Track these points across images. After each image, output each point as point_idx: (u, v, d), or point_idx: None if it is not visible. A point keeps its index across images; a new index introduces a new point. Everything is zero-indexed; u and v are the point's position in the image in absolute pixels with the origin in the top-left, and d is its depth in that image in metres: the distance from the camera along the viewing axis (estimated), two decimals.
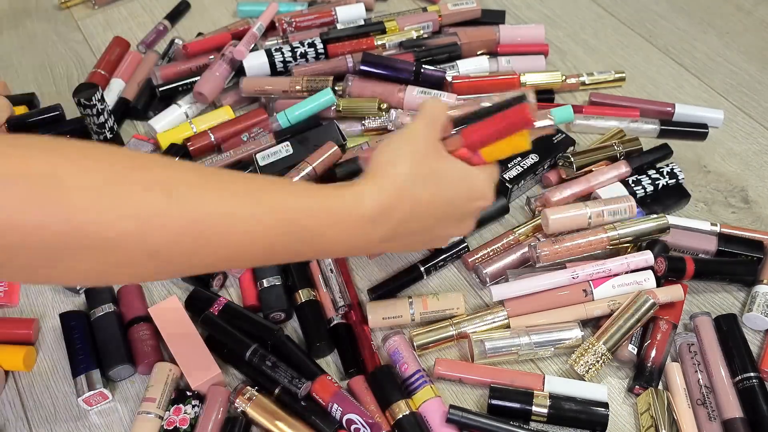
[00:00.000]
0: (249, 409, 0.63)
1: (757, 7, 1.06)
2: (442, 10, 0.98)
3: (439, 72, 0.87)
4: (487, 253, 0.75)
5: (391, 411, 0.63)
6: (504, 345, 0.67)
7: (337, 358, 0.70)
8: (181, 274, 0.58)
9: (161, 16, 1.05)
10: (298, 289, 0.72)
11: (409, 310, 0.70)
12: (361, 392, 0.65)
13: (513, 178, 0.79)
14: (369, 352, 0.68)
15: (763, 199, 0.82)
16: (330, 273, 0.71)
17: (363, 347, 0.69)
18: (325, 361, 0.69)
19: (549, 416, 0.63)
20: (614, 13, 1.06)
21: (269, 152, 0.81)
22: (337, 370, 0.69)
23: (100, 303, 0.71)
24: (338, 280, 0.72)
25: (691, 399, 0.65)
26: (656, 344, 0.67)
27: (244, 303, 0.73)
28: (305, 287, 0.72)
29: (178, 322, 0.69)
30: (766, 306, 0.70)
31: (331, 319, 0.71)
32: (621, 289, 0.70)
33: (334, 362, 0.69)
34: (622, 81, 0.94)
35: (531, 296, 0.70)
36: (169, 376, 0.66)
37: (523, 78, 0.89)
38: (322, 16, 0.98)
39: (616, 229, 0.72)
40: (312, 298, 0.71)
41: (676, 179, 0.79)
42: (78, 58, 1.01)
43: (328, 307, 0.72)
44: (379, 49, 0.93)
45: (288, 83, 0.88)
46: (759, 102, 0.93)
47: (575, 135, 0.88)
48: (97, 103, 0.80)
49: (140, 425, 0.63)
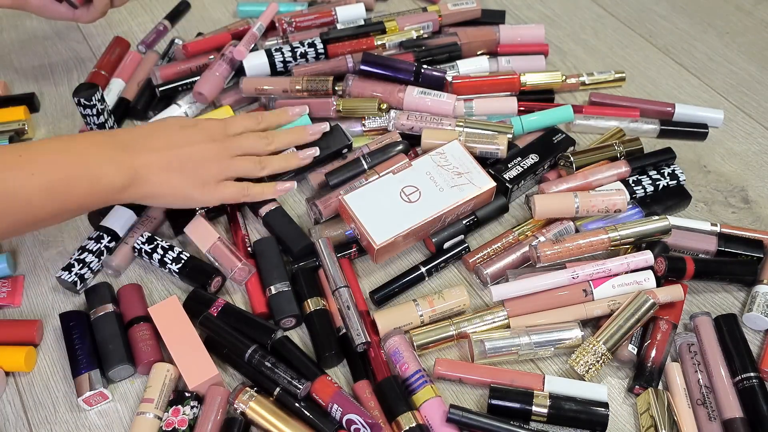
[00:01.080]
0: (248, 410, 0.63)
1: (757, 7, 1.06)
2: (442, 10, 0.98)
3: (439, 73, 0.87)
4: (487, 253, 0.75)
5: (397, 423, 0.63)
6: (504, 345, 0.67)
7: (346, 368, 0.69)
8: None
9: (161, 16, 1.05)
10: (306, 298, 0.71)
11: (417, 312, 0.70)
12: (365, 398, 0.65)
13: (513, 179, 0.79)
14: (379, 366, 0.68)
15: (763, 199, 0.82)
16: (347, 310, 0.69)
17: (375, 364, 0.68)
18: (333, 372, 0.69)
19: (549, 416, 0.63)
20: (614, 13, 1.06)
21: None
22: (346, 381, 0.68)
23: (100, 303, 0.71)
24: (356, 316, 0.69)
25: (691, 399, 0.65)
26: (656, 344, 0.67)
27: (254, 310, 0.72)
28: (314, 296, 0.71)
29: (177, 323, 0.69)
30: (766, 306, 0.70)
31: (339, 328, 0.70)
32: (621, 289, 0.70)
33: (343, 374, 0.69)
34: (622, 81, 0.94)
35: (531, 296, 0.70)
36: (167, 377, 0.66)
37: (523, 78, 0.89)
38: (322, 16, 0.98)
39: (617, 230, 0.72)
40: (321, 307, 0.71)
41: (677, 180, 0.79)
42: (78, 58, 1.01)
43: (336, 316, 0.71)
44: (379, 49, 0.93)
45: (288, 83, 0.88)
46: (759, 102, 0.93)
47: (575, 135, 0.88)
48: (97, 103, 0.80)
49: (139, 426, 0.63)
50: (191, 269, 0.73)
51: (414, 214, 0.73)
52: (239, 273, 0.73)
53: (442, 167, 0.76)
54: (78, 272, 0.73)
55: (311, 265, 0.75)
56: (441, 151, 0.78)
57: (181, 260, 0.74)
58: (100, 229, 0.77)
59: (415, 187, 0.75)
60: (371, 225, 0.72)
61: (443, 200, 0.74)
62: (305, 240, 0.76)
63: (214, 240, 0.73)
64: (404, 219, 0.72)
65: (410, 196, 0.74)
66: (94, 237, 0.76)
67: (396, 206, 0.73)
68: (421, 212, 0.73)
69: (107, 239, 0.76)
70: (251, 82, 0.89)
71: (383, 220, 0.72)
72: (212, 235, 0.74)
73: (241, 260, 0.73)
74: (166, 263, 0.74)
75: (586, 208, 0.74)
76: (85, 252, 0.75)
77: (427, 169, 0.76)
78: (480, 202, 0.77)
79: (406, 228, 0.72)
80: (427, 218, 0.72)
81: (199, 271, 0.73)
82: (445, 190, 0.74)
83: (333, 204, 0.77)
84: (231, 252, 0.73)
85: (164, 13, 1.06)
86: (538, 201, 0.74)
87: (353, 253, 0.76)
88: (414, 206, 0.73)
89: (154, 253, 0.74)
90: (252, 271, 0.74)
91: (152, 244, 0.75)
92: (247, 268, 0.73)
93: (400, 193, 0.74)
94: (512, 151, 0.82)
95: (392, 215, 0.72)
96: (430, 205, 0.73)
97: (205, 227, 0.75)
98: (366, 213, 0.73)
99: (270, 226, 0.77)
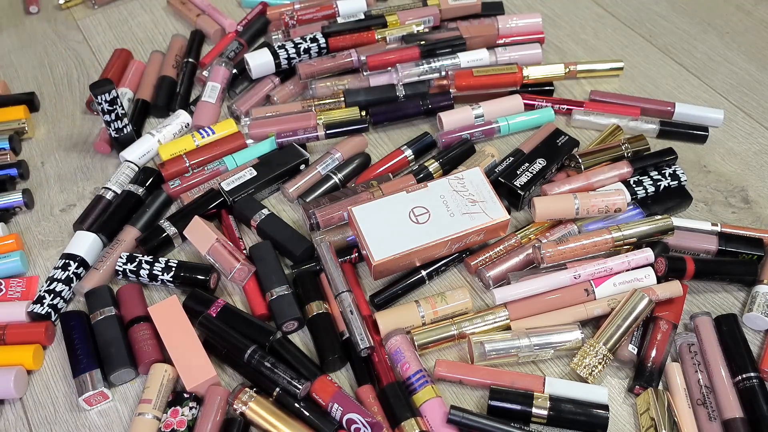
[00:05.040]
0: (248, 411, 0.63)
1: (757, 7, 1.06)
2: (442, 4, 0.98)
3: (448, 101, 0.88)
4: (489, 256, 0.75)
5: (401, 429, 0.63)
6: (504, 347, 0.67)
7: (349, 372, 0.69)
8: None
9: (161, 16, 1.05)
10: (308, 302, 0.71)
11: (419, 313, 0.70)
12: (368, 402, 0.65)
13: (524, 185, 0.78)
14: (384, 372, 0.68)
15: (763, 199, 0.82)
16: (351, 315, 0.69)
17: (379, 369, 0.68)
18: (336, 376, 0.69)
19: (549, 418, 0.63)
20: (614, 13, 1.05)
21: (234, 178, 0.81)
22: (349, 385, 0.68)
23: (101, 306, 0.71)
24: (359, 320, 0.69)
25: (691, 399, 0.65)
26: (656, 344, 0.67)
27: (254, 313, 0.72)
28: (316, 299, 0.71)
29: (176, 323, 0.68)
30: (766, 306, 0.69)
31: (343, 332, 0.70)
32: (622, 287, 0.70)
33: (346, 378, 0.69)
34: (619, 71, 0.94)
35: (533, 298, 0.70)
36: (165, 377, 0.65)
37: (525, 71, 0.90)
38: (323, 9, 0.98)
39: (620, 230, 0.72)
40: (324, 311, 0.70)
41: (678, 181, 0.79)
42: (78, 58, 1.01)
43: (339, 320, 0.71)
44: (380, 42, 0.93)
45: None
46: (759, 102, 0.93)
47: (573, 131, 0.88)
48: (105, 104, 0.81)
49: (138, 427, 0.63)
50: (186, 270, 0.73)
51: (419, 235, 0.71)
52: (239, 273, 0.73)
53: (458, 192, 0.74)
54: (50, 303, 0.72)
55: (312, 268, 0.75)
56: (460, 176, 0.75)
57: (171, 268, 0.73)
58: (64, 257, 0.75)
59: (425, 208, 0.72)
60: (373, 240, 0.70)
61: (452, 226, 0.71)
62: (306, 243, 0.75)
63: (213, 241, 0.73)
64: (408, 239, 0.70)
65: (419, 218, 0.72)
66: (60, 266, 0.74)
67: (402, 225, 0.71)
68: (427, 235, 0.71)
69: (74, 266, 0.74)
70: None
71: (386, 238, 0.70)
72: (210, 236, 0.74)
73: (240, 260, 0.73)
74: (157, 276, 0.73)
75: (586, 208, 0.74)
76: (54, 282, 0.73)
77: (442, 193, 0.74)
78: (490, 233, 0.74)
79: (408, 248, 0.70)
80: (431, 242, 0.70)
81: (194, 271, 0.73)
82: (456, 216, 0.72)
83: (332, 219, 0.76)
84: (230, 253, 0.73)
85: (164, 13, 1.06)
86: (537, 203, 0.74)
87: (354, 257, 0.76)
88: (421, 228, 0.71)
89: (141, 270, 0.73)
90: (252, 271, 0.73)
91: (134, 263, 0.73)
92: (247, 267, 0.73)
93: (410, 213, 0.72)
94: (518, 156, 0.82)
95: (397, 234, 0.71)
96: (438, 229, 0.71)
97: (203, 229, 0.75)
98: (370, 228, 0.71)
99: (266, 234, 0.77)
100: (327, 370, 0.68)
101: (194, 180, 0.83)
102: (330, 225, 0.77)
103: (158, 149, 0.86)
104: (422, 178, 0.81)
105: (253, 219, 0.77)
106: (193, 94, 0.95)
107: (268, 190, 0.83)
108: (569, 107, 0.90)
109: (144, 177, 0.83)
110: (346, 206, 0.75)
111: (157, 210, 0.81)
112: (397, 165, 0.84)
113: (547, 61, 0.97)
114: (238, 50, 0.97)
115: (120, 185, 0.83)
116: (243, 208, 0.79)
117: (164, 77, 0.94)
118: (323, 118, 0.86)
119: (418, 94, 0.90)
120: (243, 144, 0.87)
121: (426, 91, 0.90)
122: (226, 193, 0.80)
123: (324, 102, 0.89)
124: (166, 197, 0.82)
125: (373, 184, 0.79)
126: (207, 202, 0.80)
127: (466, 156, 0.84)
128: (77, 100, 0.95)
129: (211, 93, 0.90)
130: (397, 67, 0.89)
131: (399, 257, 0.70)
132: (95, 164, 0.88)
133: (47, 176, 0.87)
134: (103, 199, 0.82)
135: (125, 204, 0.81)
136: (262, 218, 0.77)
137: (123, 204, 0.81)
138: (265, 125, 0.86)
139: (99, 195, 0.82)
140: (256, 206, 0.79)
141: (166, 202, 0.82)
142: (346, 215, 0.76)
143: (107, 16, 0.97)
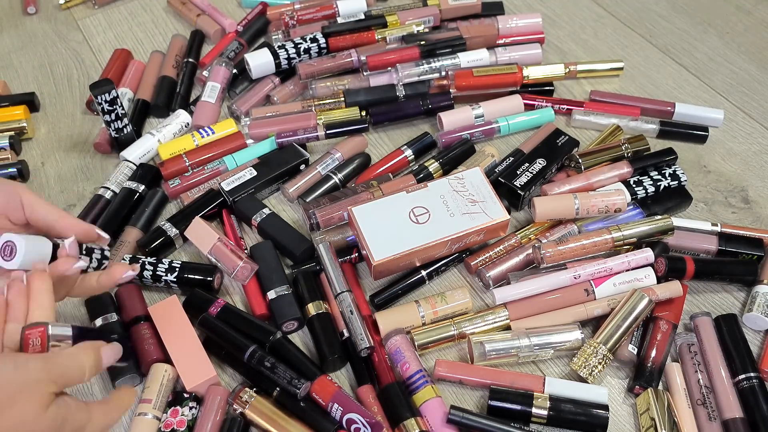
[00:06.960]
0: (248, 411, 0.63)
1: (757, 7, 1.06)
2: (442, 4, 0.98)
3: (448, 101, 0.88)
4: (489, 256, 0.75)
5: (401, 429, 0.63)
6: (504, 347, 0.67)
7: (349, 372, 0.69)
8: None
9: (161, 16, 1.05)
10: (308, 302, 0.71)
11: (419, 313, 0.70)
12: (368, 402, 0.65)
13: (524, 185, 0.78)
14: (384, 372, 0.68)
15: (763, 199, 0.82)
16: (350, 315, 0.69)
17: (379, 369, 0.68)
18: (336, 376, 0.69)
19: (549, 418, 0.63)
20: (614, 13, 1.05)
21: (234, 178, 0.81)
22: (349, 385, 0.68)
23: (102, 312, 0.70)
24: (359, 321, 0.69)
25: (691, 399, 0.65)
26: (656, 344, 0.67)
27: (254, 313, 0.72)
28: (316, 300, 0.71)
29: (176, 323, 0.68)
30: (766, 306, 0.69)
31: (342, 332, 0.70)
32: (622, 287, 0.70)
33: (346, 378, 0.69)
34: (619, 71, 0.94)
35: (533, 298, 0.70)
36: (165, 377, 0.65)
37: (525, 72, 0.90)
38: (323, 9, 0.98)
39: (620, 230, 0.72)
40: (323, 311, 0.71)
41: (678, 181, 0.79)
42: (78, 58, 1.01)
43: (339, 320, 0.71)
44: (380, 42, 0.93)
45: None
46: (759, 102, 0.93)
47: (573, 131, 0.88)
48: (105, 104, 0.81)
49: (138, 427, 0.63)
50: (190, 271, 0.73)
51: (419, 235, 0.71)
52: (242, 271, 0.73)
53: (458, 192, 0.74)
54: None
55: (312, 268, 0.75)
56: (460, 176, 0.75)
57: (175, 269, 0.73)
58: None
59: (425, 208, 0.73)
60: (373, 241, 0.70)
61: (452, 226, 0.71)
62: (306, 242, 0.75)
63: (214, 241, 0.73)
64: (408, 239, 0.70)
65: (419, 218, 0.72)
66: None
67: (402, 225, 0.71)
68: (427, 235, 0.71)
69: None
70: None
71: (386, 238, 0.70)
72: (212, 236, 0.74)
73: (242, 259, 0.73)
74: (160, 276, 0.73)
75: (586, 208, 0.74)
76: None
77: (442, 193, 0.74)
78: (491, 234, 0.75)
79: (408, 248, 0.70)
80: (432, 242, 0.70)
81: (198, 272, 0.73)
82: (456, 216, 0.72)
83: (332, 219, 0.76)
84: (232, 251, 0.73)
85: (164, 13, 1.06)
86: (537, 203, 0.74)
87: (354, 257, 0.76)
88: (421, 228, 0.71)
89: (144, 271, 0.73)
90: (254, 269, 0.73)
91: (137, 263, 0.73)
92: (249, 266, 0.73)
93: (410, 213, 0.72)
94: (518, 156, 0.82)
95: (397, 234, 0.71)
96: (438, 229, 0.71)
97: (204, 229, 0.75)
98: (370, 228, 0.71)
99: (267, 233, 0.77)
100: (327, 370, 0.68)
101: (194, 180, 0.83)
102: (330, 225, 0.77)
103: (158, 149, 0.86)
104: (422, 178, 0.81)
105: (254, 218, 0.77)
106: (193, 94, 0.95)
107: (268, 190, 0.83)
108: (569, 107, 0.90)
109: (142, 174, 0.83)
110: (346, 206, 0.75)
111: (154, 208, 0.81)
112: (397, 165, 0.84)
113: (547, 61, 0.97)
114: (238, 50, 0.97)
115: (119, 185, 0.83)
116: (244, 206, 0.79)
117: (164, 77, 0.94)
118: (323, 118, 0.86)
119: (418, 94, 0.90)
120: (243, 144, 0.87)
121: (426, 91, 0.90)
122: (226, 193, 0.80)
123: (324, 102, 0.89)
124: (162, 194, 0.82)
125: (373, 184, 0.79)
126: (207, 202, 0.80)
127: (466, 156, 0.84)
128: (77, 100, 0.95)
129: (211, 93, 0.90)
130: (397, 67, 0.89)
131: (399, 257, 0.70)
132: (95, 164, 0.88)
133: (47, 176, 0.87)
134: (102, 199, 0.82)
135: (125, 203, 0.81)
136: (263, 217, 0.77)
137: (123, 203, 0.81)
138: (265, 125, 0.86)
139: (98, 195, 0.82)
140: (257, 205, 0.79)
141: (164, 199, 0.82)
142: (346, 215, 0.76)
143: (107, 16, 0.97)
